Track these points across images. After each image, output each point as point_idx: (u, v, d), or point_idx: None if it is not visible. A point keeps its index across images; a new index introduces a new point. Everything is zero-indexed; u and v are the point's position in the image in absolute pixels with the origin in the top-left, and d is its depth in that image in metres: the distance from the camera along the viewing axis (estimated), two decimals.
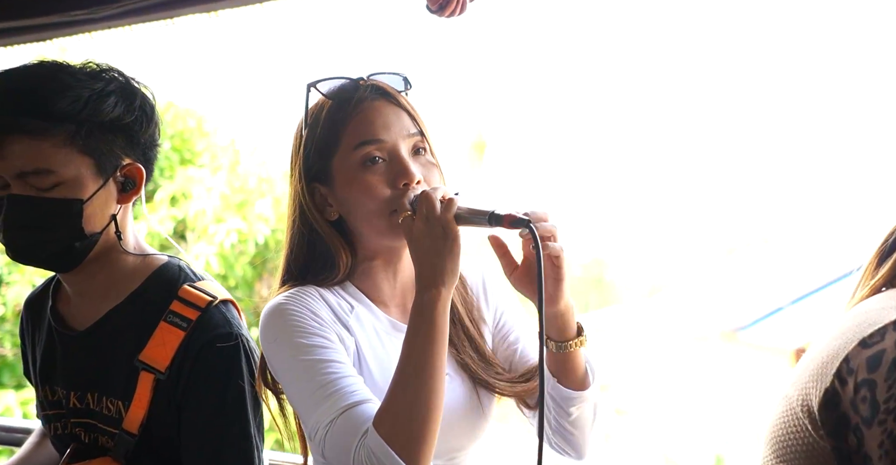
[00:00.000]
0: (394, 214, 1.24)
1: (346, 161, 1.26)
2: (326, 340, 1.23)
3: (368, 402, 1.18)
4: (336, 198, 1.29)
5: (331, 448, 1.17)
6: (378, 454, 1.12)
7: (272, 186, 6.42)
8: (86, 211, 1.33)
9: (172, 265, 1.46)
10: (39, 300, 1.55)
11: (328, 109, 1.29)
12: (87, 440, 1.43)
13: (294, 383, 1.22)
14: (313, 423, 1.18)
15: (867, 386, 0.93)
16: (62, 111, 1.28)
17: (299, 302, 1.25)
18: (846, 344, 0.98)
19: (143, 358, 1.35)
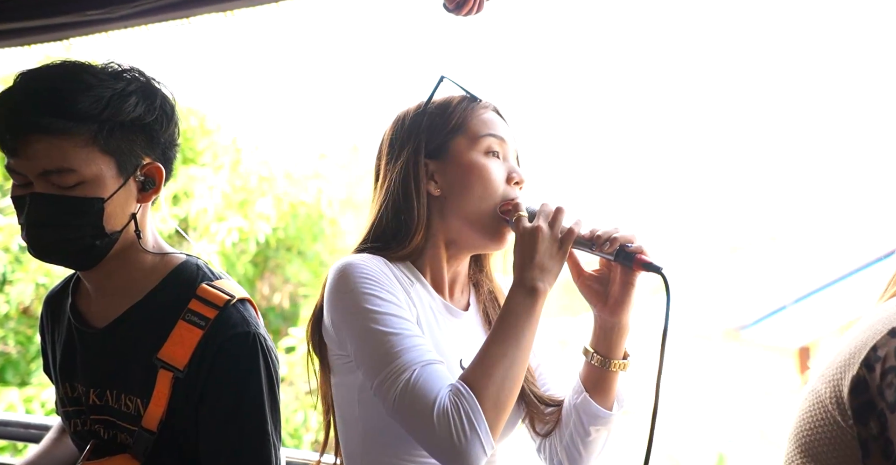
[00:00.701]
0: (500, 206, 1.36)
1: (469, 145, 1.37)
2: (399, 300, 1.30)
3: (443, 364, 1.25)
4: (445, 175, 1.37)
5: (410, 396, 1.19)
6: (468, 407, 1.17)
7: (272, 184, 6.47)
8: (106, 210, 1.35)
9: (191, 264, 1.48)
10: (59, 298, 1.58)
11: (460, 99, 1.42)
12: (107, 436, 1.45)
13: (367, 333, 1.25)
14: (390, 370, 1.21)
15: (893, 373, 0.96)
16: (84, 111, 1.30)
17: (374, 263, 1.32)
18: (875, 334, 1.00)
19: (162, 356, 1.37)
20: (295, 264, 6.65)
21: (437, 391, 1.19)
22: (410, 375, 1.20)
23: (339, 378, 1.39)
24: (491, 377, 1.20)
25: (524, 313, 1.25)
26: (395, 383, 1.20)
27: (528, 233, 1.29)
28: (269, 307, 6.68)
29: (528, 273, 1.27)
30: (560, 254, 1.29)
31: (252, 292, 6.53)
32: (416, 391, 1.19)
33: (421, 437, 1.20)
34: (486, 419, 1.18)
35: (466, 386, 1.20)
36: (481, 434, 1.17)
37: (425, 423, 1.18)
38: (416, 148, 1.38)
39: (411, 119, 1.42)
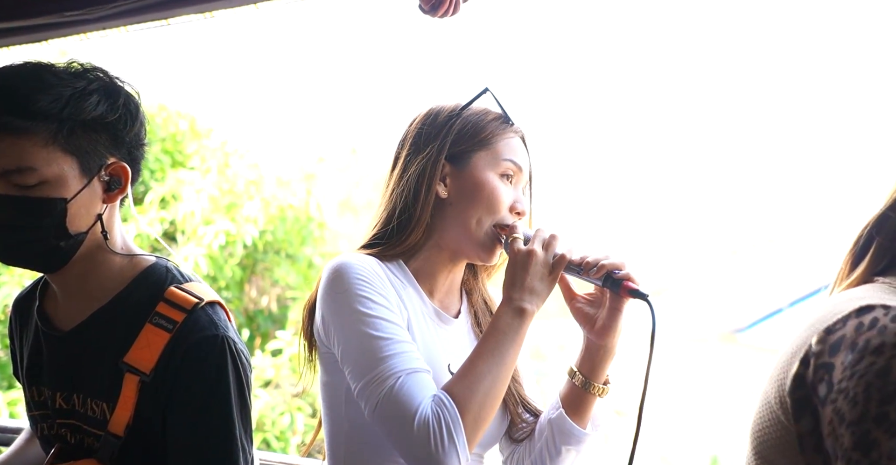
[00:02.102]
0: (495, 228, 1.42)
1: (488, 162, 1.43)
2: (391, 303, 1.34)
3: (429, 373, 1.28)
4: (457, 182, 1.43)
5: (392, 402, 1.23)
6: (449, 418, 1.21)
7: (260, 188, 6.51)
8: (70, 210, 1.34)
9: (160, 267, 1.47)
10: (27, 301, 1.57)
11: (495, 116, 1.47)
12: (73, 441, 1.44)
13: (356, 335, 1.29)
14: (374, 375, 1.25)
15: (825, 369, 0.99)
16: (43, 109, 1.30)
17: (369, 263, 1.36)
18: (812, 333, 1.03)
19: (128, 360, 1.37)
20: (283, 267, 6.67)
21: (420, 400, 1.22)
22: (395, 381, 1.24)
23: (328, 377, 1.41)
24: (474, 392, 1.24)
25: (511, 332, 1.30)
26: (378, 387, 1.24)
27: (522, 255, 1.35)
28: (258, 310, 6.70)
29: (517, 294, 1.32)
30: (550, 278, 1.35)
31: (240, 295, 6.56)
32: (399, 397, 1.22)
33: (399, 443, 1.24)
34: (464, 432, 1.22)
35: (450, 398, 1.23)
36: (458, 446, 1.21)
37: (405, 430, 1.21)
38: (440, 147, 1.43)
39: (445, 117, 1.46)
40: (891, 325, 0.96)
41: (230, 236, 6.19)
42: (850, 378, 0.95)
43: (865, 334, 0.97)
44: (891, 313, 0.97)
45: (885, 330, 0.96)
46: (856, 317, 1.00)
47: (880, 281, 1.11)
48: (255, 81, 19.25)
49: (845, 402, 0.95)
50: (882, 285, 1.09)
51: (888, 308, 0.98)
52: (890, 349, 0.94)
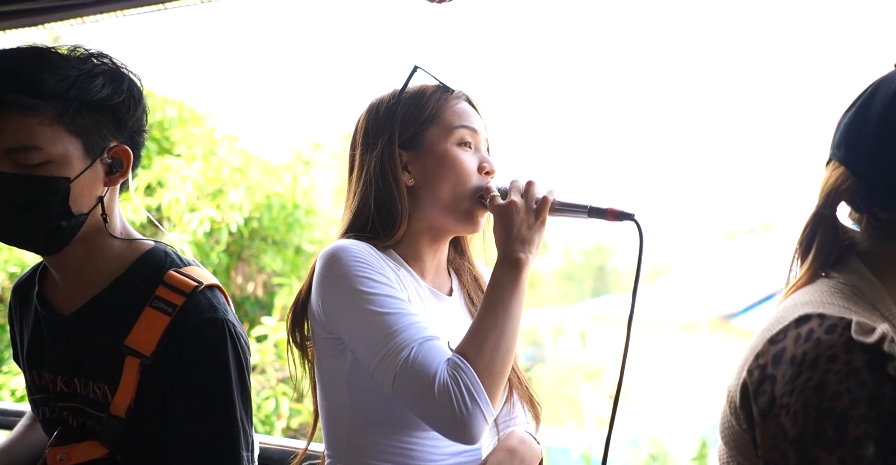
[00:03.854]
0: (474, 195, 1.44)
1: (442, 136, 1.45)
2: (391, 281, 1.37)
3: (440, 339, 1.31)
4: (419, 165, 1.45)
5: (410, 373, 1.25)
6: (466, 378, 1.24)
7: (245, 175, 6.60)
8: (73, 190, 1.36)
9: (159, 251, 1.50)
10: (26, 286, 1.61)
11: (433, 89, 1.49)
12: (75, 423, 1.47)
13: (363, 314, 1.31)
14: (388, 350, 1.28)
15: (769, 381, 1.01)
16: (50, 89, 1.33)
17: (363, 247, 1.38)
18: (759, 342, 1.06)
19: (129, 343, 1.40)
20: (269, 254, 6.77)
21: (437, 366, 1.25)
22: (409, 352, 1.26)
23: (326, 362, 1.44)
24: (484, 348, 1.28)
25: (510, 284, 1.33)
26: (394, 361, 1.27)
27: (502, 209, 1.38)
28: (244, 297, 6.81)
29: (509, 247, 1.36)
30: (538, 223, 1.38)
31: (226, 282, 6.65)
32: (416, 367, 1.25)
33: (424, 412, 1.26)
34: (484, 389, 1.25)
35: (462, 358, 1.27)
36: (481, 404, 1.24)
37: (427, 398, 1.24)
38: (390, 138, 1.45)
39: (385, 109, 1.48)
40: (825, 337, 0.98)
41: (215, 223, 6.28)
42: (791, 394, 0.97)
43: (802, 346, 0.99)
44: (825, 324, 0.99)
45: (820, 343, 0.98)
46: (795, 328, 1.02)
47: (829, 277, 1.13)
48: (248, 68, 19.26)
49: (787, 418, 0.97)
50: (829, 281, 1.12)
51: (823, 318, 1.01)
52: (824, 364, 0.96)
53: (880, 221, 1.12)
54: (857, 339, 0.96)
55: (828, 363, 0.95)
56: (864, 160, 1.10)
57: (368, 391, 1.37)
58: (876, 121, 1.09)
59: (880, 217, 1.12)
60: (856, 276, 1.11)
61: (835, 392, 0.94)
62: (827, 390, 0.94)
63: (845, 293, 1.08)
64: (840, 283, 1.10)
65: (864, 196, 1.11)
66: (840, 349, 0.96)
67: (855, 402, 0.93)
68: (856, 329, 0.97)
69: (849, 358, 0.95)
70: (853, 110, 1.13)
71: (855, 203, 1.14)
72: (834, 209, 1.15)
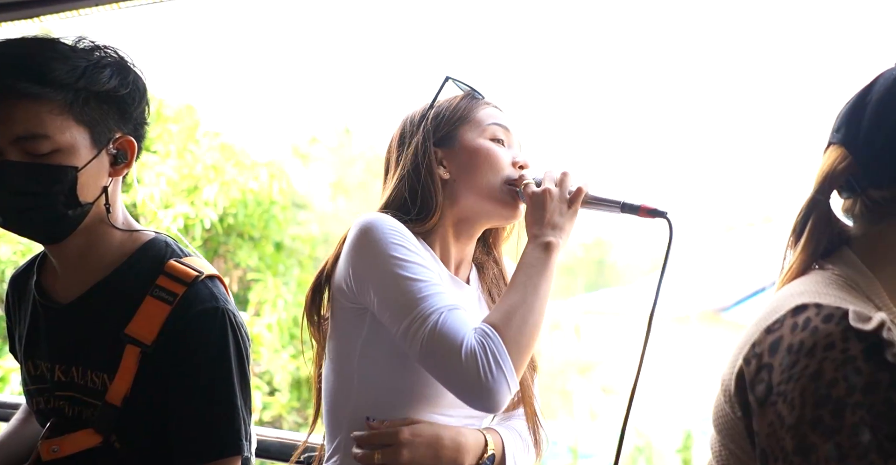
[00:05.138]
0: (507, 185, 1.48)
1: (475, 132, 1.50)
2: (423, 254, 1.40)
3: (466, 311, 1.35)
4: (454, 159, 1.50)
5: (438, 337, 1.28)
6: (494, 347, 1.27)
7: (220, 172, 6.80)
8: (80, 179, 1.37)
9: (159, 241, 1.51)
10: (24, 276, 1.61)
11: (464, 95, 1.56)
12: (71, 413, 1.47)
13: (394, 278, 1.34)
14: (416, 313, 1.30)
15: (766, 370, 1.01)
16: (60, 78, 1.33)
17: (398, 222, 1.41)
18: (756, 331, 1.06)
19: (129, 332, 1.40)
20: (245, 250, 6.99)
21: (464, 333, 1.28)
22: (438, 317, 1.29)
23: (344, 330, 1.45)
24: (512, 320, 1.31)
25: (539, 264, 1.37)
26: (422, 325, 1.29)
27: (537, 196, 1.42)
28: None
29: (539, 230, 1.40)
30: (570, 212, 1.42)
31: None
32: (444, 332, 1.27)
33: (448, 377, 1.29)
34: (510, 359, 1.28)
35: (491, 327, 1.30)
36: (507, 373, 1.27)
37: (453, 363, 1.26)
38: (425, 137, 1.49)
39: (419, 116, 1.53)
40: (822, 325, 0.99)
41: (189, 220, 6.50)
42: (788, 382, 0.98)
43: (799, 335, 1.00)
44: (822, 313, 1.00)
45: (817, 331, 0.98)
46: (791, 317, 1.03)
47: (823, 268, 1.14)
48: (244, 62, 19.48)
49: (784, 405, 0.98)
50: (824, 272, 1.13)
51: (820, 307, 1.01)
52: (821, 351, 0.97)
53: (874, 201, 1.14)
54: (854, 326, 0.97)
55: (824, 351, 0.96)
56: (862, 137, 1.13)
57: (380, 364, 1.41)
58: (875, 102, 1.13)
59: (874, 197, 1.13)
60: (850, 267, 1.13)
61: (831, 380, 0.95)
62: (823, 377, 0.95)
63: (840, 284, 1.10)
64: (835, 274, 1.12)
65: (860, 174, 1.13)
66: (837, 338, 0.97)
67: (851, 389, 0.94)
68: (853, 317, 0.98)
69: (845, 346, 0.96)
70: (854, 98, 1.17)
71: (850, 185, 1.15)
72: (829, 195, 1.17)
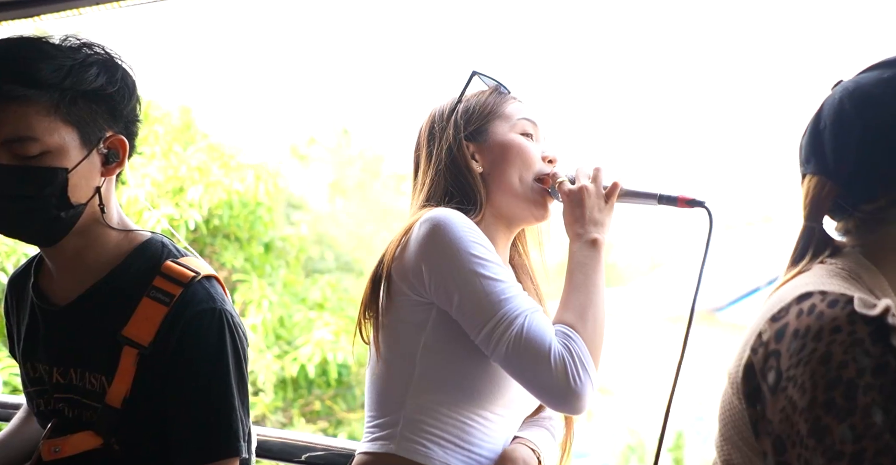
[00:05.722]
0: (537, 182, 1.50)
1: (505, 126, 1.51)
2: (496, 255, 1.40)
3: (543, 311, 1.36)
4: (485, 154, 1.51)
5: (525, 341, 1.28)
6: (578, 350, 1.29)
7: (205, 174, 6.84)
8: (71, 181, 1.36)
9: (156, 241, 1.51)
10: (22, 278, 1.61)
11: (491, 90, 1.57)
12: (71, 415, 1.47)
13: (475, 277, 1.33)
14: (501, 316, 1.31)
15: (774, 357, 1.03)
16: (45, 79, 1.32)
17: (468, 219, 1.41)
18: (761, 321, 1.09)
19: (127, 333, 1.40)
20: (230, 251, 7.02)
21: (550, 337, 1.29)
22: (523, 321, 1.30)
23: (404, 322, 1.44)
24: (586, 320, 1.33)
25: (591, 262, 1.39)
26: (508, 328, 1.29)
27: (574, 193, 1.44)
28: None
29: (582, 229, 1.41)
30: (608, 207, 1.43)
31: None
32: (531, 335, 1.28)
33: (536, 380, 1.29)
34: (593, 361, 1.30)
35: (571, 329, 1.32)
36: (591, 375, 1.29)
37: (542, 367, 1.27)
38: (456, 131, 1.50)
39: (447, 110, 1.54)
40: (827, 310, 1.00)
41: (173, 221, 6.53)
42: (797, 366, 1.00)
43: (805, 320, 1.01)
44: (827, 299, 1.02)
45: (823, 316, 1.00)
46: (796, 304, 1.04)
47: (826, 262, 1.16)
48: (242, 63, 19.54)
49: (795, 389, 0.99)
50: (827, 266, 1.15)
51: (825, 294, 1.03)
52: (828, 335, 0.98)
53: (868, 213, 1.16)
54: (860, 311, 0.98)
55: (832, 334, 0.98)
56: (832, 162, 1.15)
57: (442, 358, 1.41)
58: (829, 126, 1.16)
59: (867, 210, 1.16)
60: (853, 262, 1.15)
61: (841, 362, 0.96)
62: (833, 360, 0.97)
63: (843, 277, 1.11)
64: (838, 268, 1.14)
65: (846, 195, 1.15)
66: (843, 321, 0.98)
67: (861, 371, 0.95)
68: (858, 303, 0.99)
69: (852, 329, 0.97)
70: (808, 129, 1.19)
71: (840, 207, 1.17)
72: (820, 220, 1.20)
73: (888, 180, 1.12)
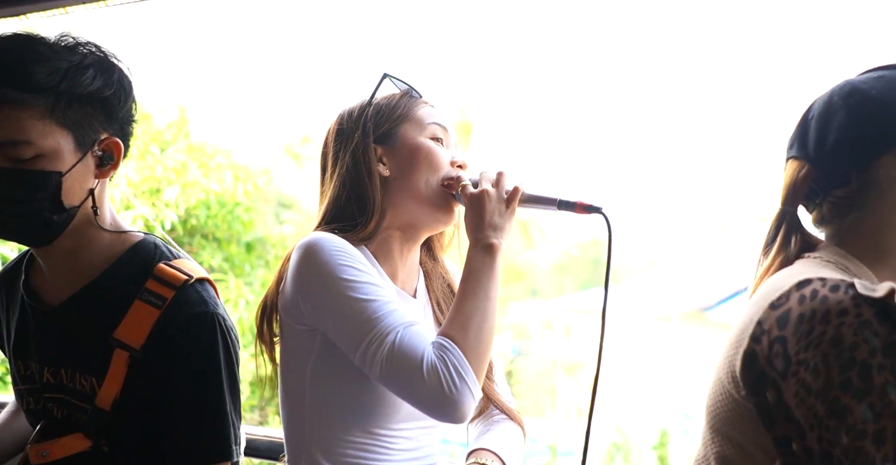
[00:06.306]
0: (445, 186, 1.48)
1: (415, 131, 1.49)
2: (370, 270, 1.39)
3: (422, 325, 1.35)
4: (394, 157, 1.48)
5: (397, 356, 1.28)
6: (453, 358, 1.28)
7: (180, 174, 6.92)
8: (65, 184, 1.35)
9: (148, 243, 1.49)
10: (12, 275, 1.59)
11: (402, 94, 1.55)
12: (60, 415, 1.46)
13: (345, 301, 1.32)
14: (373, 335, 1.30)
15: (779, 342, 1.03)
16: (41, 82, 1.31)
17: (341, 240, 1.40)
18: (758, 310, 1.08)
19: (118, 336, 1.39)
20: (208, 250, 7.09)
21: (423, 349, 1.28)
22: (395, 337, 1.28)
23: (292, 351, 1.45)
24: (469, 330, 1.32)
25: (485, 268, 1.38)
26: (380, 346, 1.29)
27: (475, 197, 1.42)
28: None
29: (481, 233, 1.40)
30: (509, 212, 1.42)
31: None
32: (403, 350, 1.28)
33: (412, 394, 1.29)
34: (471, 369, 1.29)
35: (448, 339, 1.31)
36: (469, 383, 1.27)
37: (415, 379, 1.26)
38: (365, 134, 1.48)
39: (357, 112, 1.52)
40: (831, 294, 1.01)
41: (149, 221, 6.60)
42: (807, 349, 1.00)
43: (809, 304, 1.02)
44: (828, 284, 1.03)
45: (827, 300, 1.01)
46: (797, 290, 1.05)
47: (809, 257, 1.18)
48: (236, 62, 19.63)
49: (807, 373, 1.00)
50: (813, 260, 1.17)
51: (824, 280, 1.04)
52: (836, 317, 0.99)
53: (839, 199, 1.18)
54: (864, 294, 1.00)
55: (839, 317, 0.99)
56: (812, 145, 1.19)
57: (331, 383, 1.41)
58: (816, 116, 1.19)
59: (838, 195, 1.18)
60: (834, 254, 1.17)
61: (852, 343, 0.98)
62: (844, 341, 0.98)
63: (832, 268, 1.14)
64: (823, 260, 1.16)
65: (821, 179, 1.19)
66: (849, 304, 1.00)
67: (872, 351, 0.97)
68: (860, 287, 1.01)
69: (858, 312, 0.99)
70: (798, 120, 1.24)
71: (813, 191, 1.20)
72: (796, 205, 1.23)
73: (860, 165, 1.16)
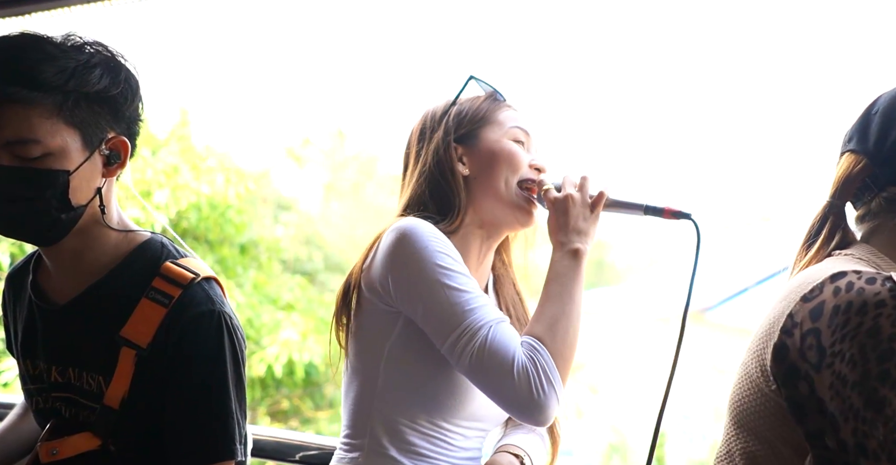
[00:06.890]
0: (524, 189, 1.50)
1: (497, 133, 1.51)
2: (462, 264, 1.40)
3: (509, 322, 1.36)
4: (474, 157, 1.50)
5: (489, 353, 1.28)
6: (543, 361, 1.28)
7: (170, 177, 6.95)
8: (72, 183, 1.36)
9: (155, 242, 1.50)
10: (20, 274, 1.60)
11: (486, 96, 1.57)
12: (68, 414, 1.47)
13: (441, 287, 1.33)
14: (465, 327, 1.31)
15: (813, 335, 1.03)
16: (49, 81, 1.32)
17: (435, 228, 1.41)
18: (789, 303, 1.08)
19: (125, 334, 1.40)
20: (200, 252, 7.12)
21: (514, 348, 1.28)
22: (487, 331, 1.29)
23: (371, 331, 1.46)
24: (556, 333, 1.32)
25: (570, 273, 1.38)
26: (472, 339, 1.29)
27: (559, 201, 1.42)
28: None
29: (565, 237, 1.40)
30: (593, 217, 1.42)
31: None
32: (495, 347, 1.28)
33: (499, 393, 1.29)
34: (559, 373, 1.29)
35: (538, 341, 1.31)
36: (556, 387, 1.28)
37: (506, 380, 1.26)
38: (446, 133, 1.50)
39: (440, 112, 1.54)
40: (867, 286, 1.01)
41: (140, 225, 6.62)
42: (843, 341, 1.00)
43: (845, 296, 1.02)
44: (864, 277, 1.03)
45: (864, 292, 1.01)
46: (831, 283, 1.05)
47: (840, 254, 1.18)
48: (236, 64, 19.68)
49: (843, 364, 0.99)
50: (844, 256, 1.17)
51: (859, 273, 1.04)
52: (873, 309, 0.99)
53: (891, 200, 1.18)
54: None
55: (877, 309, 0.99)
56: (873, 141, 1.18)
57: (406, 367, 1.42)
58: (881, 112, 1.18)
59: (893, 192, 1.18)
60: (868, 253, 1.17)
61: (891, 335, 0.98)
62: (882, 333, 0.98)
63: (864, 264, 1.13)
64: (856, 257, 1.16)
65: (877, 175, 1.18)
66: (886, 296, 1.00)
67: None
68: None
69: None
70: (861, 113, 1.22)
71: (867, 186, 1.19)
72: (845, 200, 1.22)
73: None
